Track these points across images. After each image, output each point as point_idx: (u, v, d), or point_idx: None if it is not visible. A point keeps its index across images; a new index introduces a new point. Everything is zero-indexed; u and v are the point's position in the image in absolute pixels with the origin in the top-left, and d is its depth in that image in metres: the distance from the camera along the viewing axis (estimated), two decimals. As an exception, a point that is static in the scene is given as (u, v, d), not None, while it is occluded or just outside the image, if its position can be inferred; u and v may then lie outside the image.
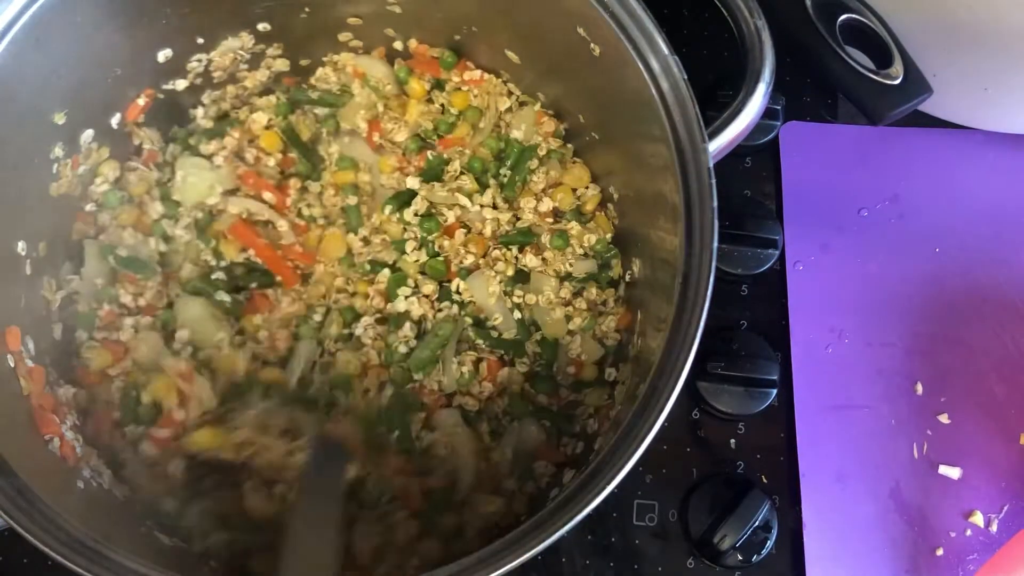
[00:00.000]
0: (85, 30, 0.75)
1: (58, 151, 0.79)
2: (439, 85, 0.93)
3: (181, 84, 0.88)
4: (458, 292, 0.87)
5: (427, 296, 0.86)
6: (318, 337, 0.85)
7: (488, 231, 0.88)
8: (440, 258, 0.87)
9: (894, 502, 0.91)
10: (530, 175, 0.90)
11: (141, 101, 0.86)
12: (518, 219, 0.90)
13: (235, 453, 0.79)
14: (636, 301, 0.85)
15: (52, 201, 0.80)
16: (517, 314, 0.86)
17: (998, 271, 0.98)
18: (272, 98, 0.92)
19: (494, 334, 0.86)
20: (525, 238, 0.88)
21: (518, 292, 0.87)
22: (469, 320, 0.86)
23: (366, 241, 0.89)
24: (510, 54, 0.89)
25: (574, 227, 0.89)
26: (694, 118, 0.69)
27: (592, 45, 0.77)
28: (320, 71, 0.94)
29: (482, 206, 0.88)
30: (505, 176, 0.90)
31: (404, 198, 0.88)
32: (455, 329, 0.85)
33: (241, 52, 0.89)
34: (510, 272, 0.87)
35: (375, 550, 0.78)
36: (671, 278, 0.69)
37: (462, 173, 0.90)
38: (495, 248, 0.88)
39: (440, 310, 0.86)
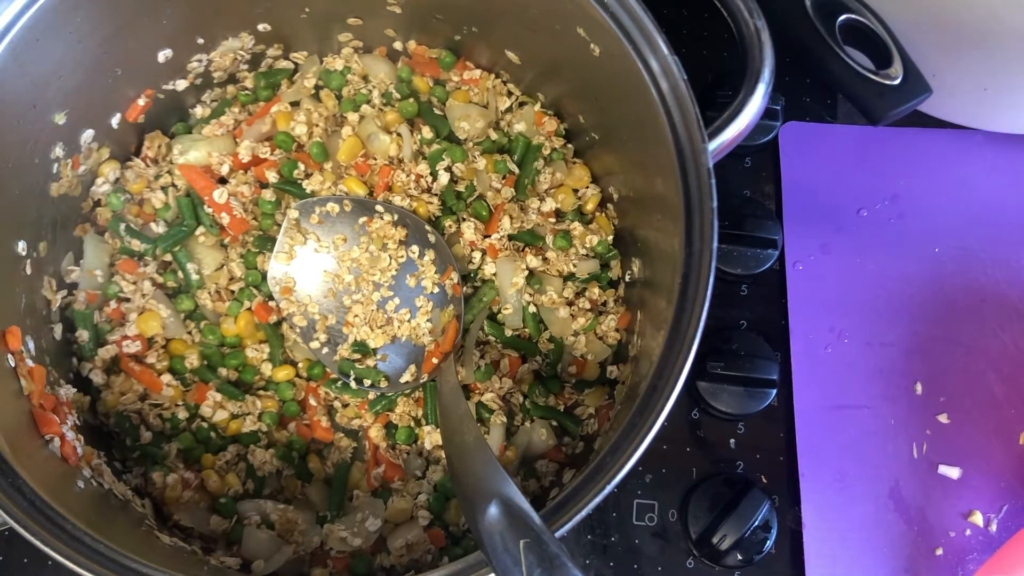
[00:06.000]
0: (85, 30, 0.75)
1: (58, 151, 0.79)
2: (439, 84, 0.93)
3: (181, 84, 0.88)
4: (480, 278, 0.88)
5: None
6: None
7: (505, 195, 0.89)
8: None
9: (893, 502, 0.91)
10: (536, 176, 0.90)
11: (141, 101, 0.86)
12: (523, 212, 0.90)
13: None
14: (636, 301, 0.86)
15: (52, 201, 0.80)
16: (532, 309, 0.87)
17: (998, 271, 0.98)
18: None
19: (506, 332, 0.87)
20: (532, 238, 0.88)
21: (529, 290, 0.87)
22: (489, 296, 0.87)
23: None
24: (510, 54, 0.89)
25: (576, 227, 0.89)
26: (694, 118, 0.70)
27: (592, 45, 0.77)
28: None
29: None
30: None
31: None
32: (491, 299, 0.87)
33: (241, 52, 0.89)
34: (531, 264, 0.88)
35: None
36: (671, 278, 0.70)
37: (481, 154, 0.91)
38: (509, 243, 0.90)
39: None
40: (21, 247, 0.77)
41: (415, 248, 0.86)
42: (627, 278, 0.88)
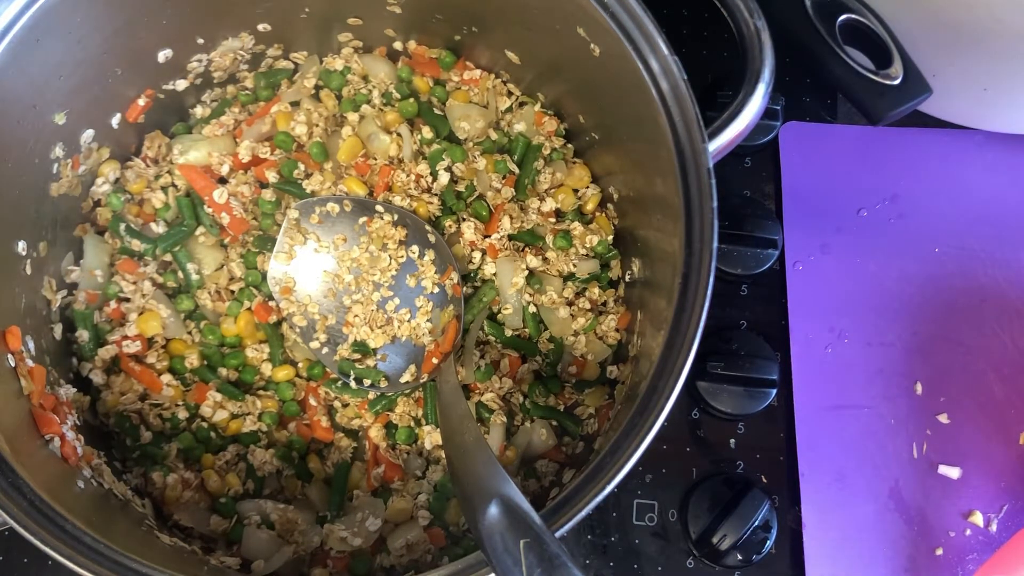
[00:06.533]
0: (85, 30, 0.75)
1: (58, 151, 0.79)
2: (439, 84, 0.93)
3: (181, 84, 0.88)
4: (480, 278, 0.88)
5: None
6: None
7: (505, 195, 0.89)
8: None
9: (894, 502, 0.91)
10: (536, 176, 0.90)
11: (141, 101, 0.86)
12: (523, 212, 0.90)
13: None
14: (636, 301, 0.86)
15: (52, 201, 0.80)
16: (532, 309, 0.87)
17: (998, 271, 0.98)
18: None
19: (506, 332, 0.87)
20: (532, 238, 0.88)
21: (529, 290, 0.87)
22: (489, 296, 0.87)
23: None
24: (510, 54, 0.89)
25: (576, 227, 0.89)
26: (694, 118, 0.70)
27: (592, 45, 0.77)
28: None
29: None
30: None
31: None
32: (491, 299, 0.87)
33: (241, 52, 0.89)
34: (531, 264, 0.88)
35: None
36: (671, 278, 0.70)
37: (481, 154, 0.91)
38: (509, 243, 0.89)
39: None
40: (21, 247, 0.77)
41: (415, 248, 0.86)
42: (627, 278, 0.88)
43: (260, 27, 0.88)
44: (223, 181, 0.88)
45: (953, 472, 0.92)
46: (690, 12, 1.07)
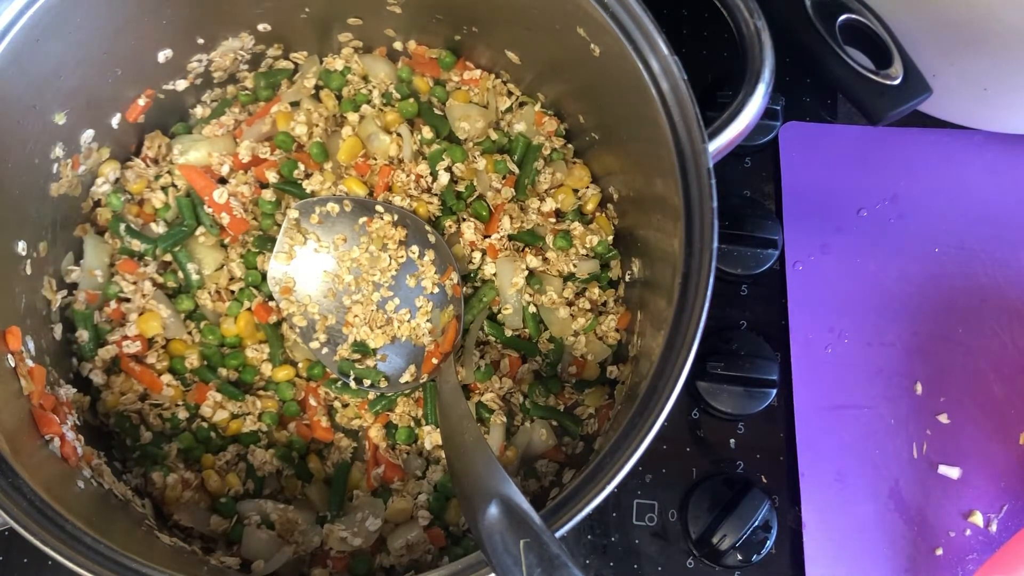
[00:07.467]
0: (85, 31, 0.75)
1: (58, 151, 0.79)
2: (439, 84, 0.93)
3: (181, 84, 0.88)
4: (480, 278, 0.88)
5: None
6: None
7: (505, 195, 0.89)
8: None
9: (894, 502, 0.91)
10: (536, 176, 0.90)
11: (141, 101, 0.86)
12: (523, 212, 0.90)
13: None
14: (636, 301, 0.86)
15: (52, 201, 0.80)
16: (532, 309, 0.87)
17: (998, 271, 0.98)
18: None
19: (506, 332, 0.87)
20: (532, 238, 0.88)
21: (529, 290, 0.87)
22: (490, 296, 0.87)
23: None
24: (510, 54, 0.89)
25: (576, 227, 0.89)
26: (694, 118, 0.70)
27: (592, 45, 0.77)
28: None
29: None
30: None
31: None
32: (491, 299, 0.87)
33: (241, 52, 0.89)
34: (531, 264, 0.88)
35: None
36: (671, 278, 0.70)
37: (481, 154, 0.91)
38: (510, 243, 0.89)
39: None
40: (21, 247, 0.77)
41: (415, 248, 0.86)
42: (627, 278, 0.88)
43: (260, 27, 0.88)
44: (223, 181, 0.88)
45: (953, 472, 0.92)
46: (690, 12, 1.07)
